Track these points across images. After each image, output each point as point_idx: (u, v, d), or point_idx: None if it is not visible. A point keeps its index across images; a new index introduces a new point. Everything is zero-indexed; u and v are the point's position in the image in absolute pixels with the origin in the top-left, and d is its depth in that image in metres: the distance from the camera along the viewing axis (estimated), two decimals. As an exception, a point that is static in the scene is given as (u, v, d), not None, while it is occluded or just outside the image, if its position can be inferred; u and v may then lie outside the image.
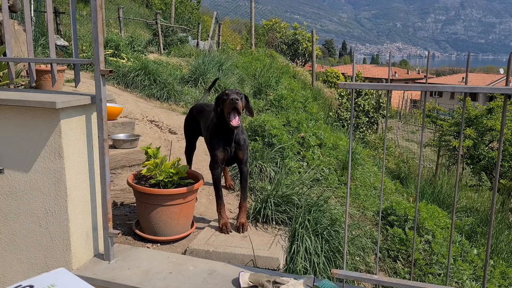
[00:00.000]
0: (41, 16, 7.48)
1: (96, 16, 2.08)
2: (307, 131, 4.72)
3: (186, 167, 2.80)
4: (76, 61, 2.31)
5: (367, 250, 3.09)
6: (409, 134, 18.60)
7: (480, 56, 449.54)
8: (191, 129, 3.43)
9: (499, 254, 4.31)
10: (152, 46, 11.06)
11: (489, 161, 8.84)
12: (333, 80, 14.72)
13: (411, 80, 47.34)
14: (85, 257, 2.32)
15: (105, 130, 2.19)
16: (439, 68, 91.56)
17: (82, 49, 7.40)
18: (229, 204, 3.53)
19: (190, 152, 3.51)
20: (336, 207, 3.14)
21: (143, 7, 21.65)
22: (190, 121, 3.42)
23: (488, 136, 9.54)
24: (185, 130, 3.50)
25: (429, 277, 3.15)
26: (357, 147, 5.63)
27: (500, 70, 49.62)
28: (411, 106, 31.52)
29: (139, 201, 2.71)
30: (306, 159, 4.27)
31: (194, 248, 2.51)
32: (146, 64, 6.86)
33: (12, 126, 2.20)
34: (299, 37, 16.34)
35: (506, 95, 1.62)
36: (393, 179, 6.16)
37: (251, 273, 2.14)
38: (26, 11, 2.42)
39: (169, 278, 2.17)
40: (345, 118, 9.71)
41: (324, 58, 67.17)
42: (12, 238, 2.30)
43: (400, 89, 1.85)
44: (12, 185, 2.25)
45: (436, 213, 3.79)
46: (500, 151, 1.69)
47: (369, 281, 2.36)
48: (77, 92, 2.39)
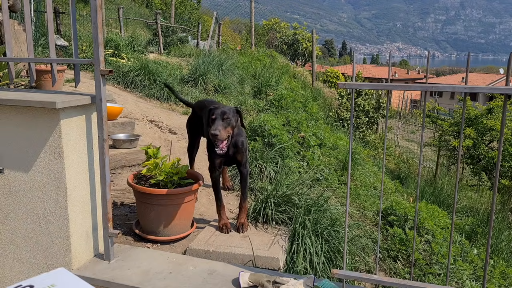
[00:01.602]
0: (41, 16, 7.47)
1: (96, 16, 2.08)
2: (307, 131, 4.72)
3: (186, 167, 2.80)
4: (76, 61, 2.31)
5: (367, 250, 3.09)
6: (409, 134, 18.60)
7: (480, 56, 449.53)
8: (193, 127, 3.35)
9: (499, 254, 4.31)
10: (152, 46, 11.05)
11: (489, 161, 8.83)
12: (333, 80, 14.72)
13: (411, 80, 47.33)
14: (85, 257, 2.32)
15: (105, 130, 2.19)
16: (439, 68, 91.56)
17: (82, 49, 7.40)
18: (229, 204, 3.53)
19: (192, 150, 3.45)
20: (336, 207, 3.14)
21: (143, 7, 21.65)
22: (192, 118, 3.35)
23: (488, 136, 9.54)
24: (188, 128, 3.44)
25: (429, 277, 3.15)
26: (357, 147, 5.63)
27: (500, 70, 49.61)
28: (411, 106, 31.51)
29: (139, 201, 2.71)
30: (306, 159, 4.27)
31: (194, 248, 2.51)
32: (146, 64, 6.86)
33: (12, 126, 2.20)
34: (299, 37, 16.33)
35: (506, 95, 1.62)
36: (393, 179, 6.16)
37: (251, 273, 2.14)
38: (26, 11, 2.42)
39: (169, 278, 2.17)
40: (345, 118, 9.71)
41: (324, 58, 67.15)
42: (12, 238, 2.30)
43: (400, 89, 1.85)
44: (12, 185, 2.25)
45: (436, 213, 3.79)
46: (500, 151, 1.69)
47: (369, 281, 2.36)
48: (77, 92, 2.39)
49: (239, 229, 2.75)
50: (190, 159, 3.47)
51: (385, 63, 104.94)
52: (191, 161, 3.47)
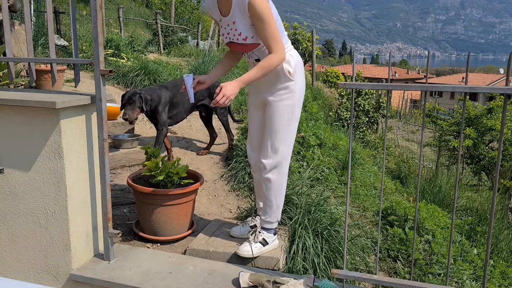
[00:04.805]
0: (41, 16, 7.47)
1: (96, 16, 2.08)
2: (307, 131, 4.72)
3: (186, 167, 2.80)
4: (76, 61, 2.31)
5: (367, 250, 3.09)
6: (409, 134, 18.61)
7: (480, 56, 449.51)
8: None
9: (499, 254, 4.31)
10: (152, 46, 11.06)
11: (489, 161, 8.84)
12: (333, 80, 14.71)
13: (411, 80, 47.32)
14: (85, 257, 2.32)
15: (105, 130, 2.19)
16: (439, 68, 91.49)
17: (82, 49, 7.40)
18: (229, 204, 3.54)
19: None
20: (336, 207, 3.14)
21: (143, 7, 21.66)
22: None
23: (488, 136, 9.54)
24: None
25: (429, 277, 3.15)
26: (357, 147, 5.63)
27: (500, 70, 49.60)
28: (411, 106, 31.52)
29: (139, 201, 2.71)
30: (306, 159, 4.27)
31: (194, 248, 2.51)
32: (146, 64, 6.87)
33: (12, 126, 2.20)
34: (299, 37, 16.31)
35: (506, 95, 1.62)
36: (393, 179, 6.16)
37: (251, 273, 2.14)
38: (26, 11, 2.42)
39: (169, 278, 2.17)
40: (345, 118, 9.71)
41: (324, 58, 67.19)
42: (12, 238, 2.30)
43: (400, 89, 1.84)
44: (12, 185, 2.25)
45: (436, 213, 3.79)
46: (500, 151, 1.69)
47: (369, 281, 2.35)
48: (77, 92, 2.39)
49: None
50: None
51: (385, 63, 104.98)
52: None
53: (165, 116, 3.77)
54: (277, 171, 2.35)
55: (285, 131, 2.29)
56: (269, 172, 2.35)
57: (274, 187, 2.37)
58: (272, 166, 2.33)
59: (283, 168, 2.37)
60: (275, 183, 2.37)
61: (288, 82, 2.26)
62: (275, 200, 2.41)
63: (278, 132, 2.28)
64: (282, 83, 2.26)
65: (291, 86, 2.27)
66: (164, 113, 3.76)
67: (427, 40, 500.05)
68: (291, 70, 2.24)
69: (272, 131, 2.30)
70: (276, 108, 2.27)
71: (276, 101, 2.27)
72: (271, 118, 2.29)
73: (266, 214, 2.46)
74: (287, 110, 2.28)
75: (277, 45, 2.10)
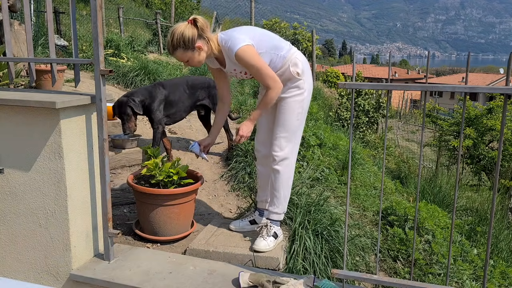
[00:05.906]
0: (41, 16, 7.47)
1: (96, 16, 2.08)
2: (307, 131, 4.72)
3: (186, 167, 2.81)
4: (76, 61, 2.31)
5: (367, 250, 3.09)
6: (409, 134, 18.60)
7: (480, 56, 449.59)
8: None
9: (499, 254, 4.31)
10: (152, 46, 11.06)
11: (489, 161, 8.84)
12: (333, 80, 14.71)
13: (411, 80, 47.29)
14: (85, 257, 2.32)
15: (105, 130, 2.19)
16: (439, 68, 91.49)
17: (82, 49, 7.40)
18: (229, 204, 3.54)
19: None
20: (336, 207, 3.14)
21: (143, 7, 21.64)
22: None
23: (488, 136, 9.55)
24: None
25: (429, 277, 3.15)
26: (357, 147, 5.63)
27: (500, 70, 49.57)
28: (411, 106, 31.52)
29: (139, 201, 2.71)
30: (306, 159, 4.27)
31: (194, 248, 2.51)
32: (146, 64, 6.87)
33: (12, 126, 2.20)
34: (299, 37, 16.31)
35: (506, 95, 1.62)
36: (393, 179, 6.16)
37: (251, 273, 2.14)
38: (26, 11, 2.42)
39: (169, 278, 2.17)
40: (345, 118, 9.71)
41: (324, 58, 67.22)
42: (12, 238, 2.30)
43: (400, 89, 1.85)
44: (12, 185, 2.25)
45: (436, 213, 3.78)
46: (500, 151, 1.69)
47: (369, 281, 2.36)
48: (77, 92, 2.39)
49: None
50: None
51: (385, 63, 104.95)
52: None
53: (159, 114, 3.73)
54: (285, 163, 2.50)
55: (294, 125, 2.47)
56: (278, 164, 2.49)
57: (282, 177, 2.52)
58: (282, 158, 2.48)
59: (291, 161, 2.53)
60: (283, 174, 2.51)
61: (298, 81, 2.46)
62: (283, 191, 2.54)
63: (288, 126, 2.46)
64: (293, 82, 2.46)
65: (301, 84, 2.46)
66: (158, 111, 3.73)
67: (427, 40, 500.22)
68: (299, 71, 2.44)
69: (283, 125, 2.47)
70: (288, 104, 2.46)
71: (287, 97, 2.46)
72: (282, 113, 2.47)
73: (274, 205, 2.58)
74: (298, 105, 2.46)
75: (273, 82, 2.32)
